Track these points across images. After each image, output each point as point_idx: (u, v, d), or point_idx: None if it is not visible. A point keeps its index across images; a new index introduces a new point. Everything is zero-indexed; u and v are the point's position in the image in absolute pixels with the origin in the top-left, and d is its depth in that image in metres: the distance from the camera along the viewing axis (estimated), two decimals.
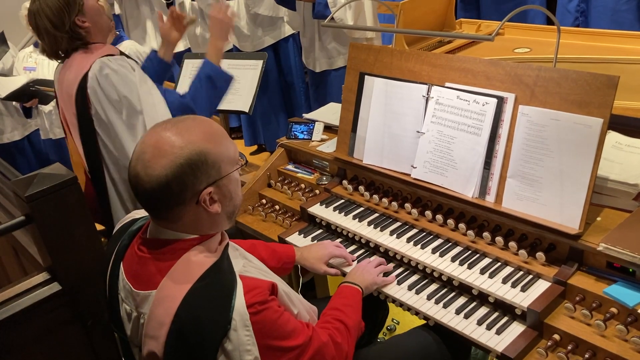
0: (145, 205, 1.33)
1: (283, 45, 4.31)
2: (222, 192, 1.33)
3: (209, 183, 1.29)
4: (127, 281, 1.38)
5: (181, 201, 1.28)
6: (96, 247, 2.02)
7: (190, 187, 1.27)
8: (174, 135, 1.27)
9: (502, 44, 2.81)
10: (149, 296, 1.32)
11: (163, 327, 1.25)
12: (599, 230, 1.60)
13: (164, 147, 1.26)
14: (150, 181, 1.25)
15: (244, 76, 2.98)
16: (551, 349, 1.48)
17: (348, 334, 1.51)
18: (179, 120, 1.32)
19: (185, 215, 1.30)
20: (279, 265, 1.82)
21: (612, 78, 1.54)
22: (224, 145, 1.33)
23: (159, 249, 1.33)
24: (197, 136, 1.28)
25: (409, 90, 1.98)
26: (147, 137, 1.30)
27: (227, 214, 1.38)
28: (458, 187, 1.84)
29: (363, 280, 1.72)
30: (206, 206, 1.30)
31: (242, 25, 4.20)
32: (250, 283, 1.27)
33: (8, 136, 4.45)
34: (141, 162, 1.27)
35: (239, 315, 1.22)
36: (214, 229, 1.37)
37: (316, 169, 2.42)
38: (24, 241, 2.26)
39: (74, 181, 1.89)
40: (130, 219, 1.55)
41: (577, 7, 3.70)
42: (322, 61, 3.70)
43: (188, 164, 1.25)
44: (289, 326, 1.30)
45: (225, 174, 1.32)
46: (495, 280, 1.65)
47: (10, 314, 1.80)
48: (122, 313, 1.43)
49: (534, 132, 1.67)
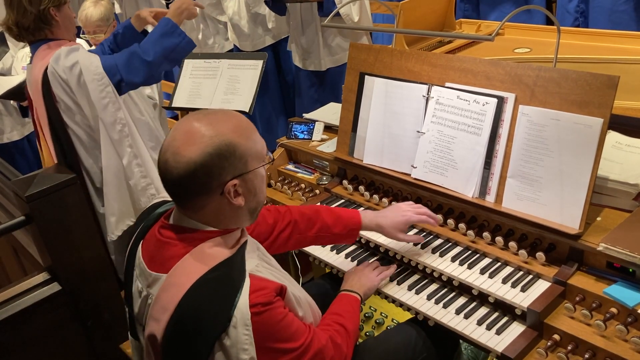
0: (171, 192, 1.35)
1: (283, 45, 4.31)
2: (247, 187, 1.35)
3: (235, 175, 1.31)
4: (142, 260, 1.41)
5: (206, 190, 1.30)
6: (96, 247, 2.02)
7: (216, 177, 1.29)
8: (205, 126, 1.30)
9: (502, 44, 2.81)
10: (159, 279, 1.34)
11: (166, 312, 1.27)
12: (599, 230, 1.60)
13: (194, 136, 1.28)
14: (178, 167, 1.28)
15: (244, 76, 2.98)
16: (551, 349, 1.48)
17: (348, 336, 1.52)
18: (210, 112, 1.36)
19: (208, 205, 1.32)
20: (345, 232, 1.78)
21: (612, 78, 1.54)
22: (252, 140, 1.35)
23: (178, 236, 1.36)
24: (228, 128, 1.31)
25: (409, 90, 1.98)
26: (178, 125, 1.33)
27: (250, 210, 1.39)
28: (458, 187, 1.84)
29: (361, 286, 1.72)
30: (230, 198, 1.32)
31: (242, 25, 4.20)
32: (258, 283, 1.28)
33: (8, 136, 4.44)
34: (171, 149, 1.30)
35: (240, 313, 1.23)
36: (235, 223, 1.39)
37: (316, 169, 2.42)
38: (24, 241, 2.26)
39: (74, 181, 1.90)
40: (161, 200, 1.58)
41: (577, 8, 3.70)
42: (327, 59, 3.70)
43: (217, 154, 1.28)
44: (290, 329, 1.31)
45: (251, 169, 1.34)
46: (495, 280, 1.65)
47: (10, 314, 1.80)
48: (134, 289, 1.45)
49: (534, 132, 1.67)
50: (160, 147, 1.35)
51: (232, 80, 3.00)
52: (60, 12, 2.26)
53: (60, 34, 2.31)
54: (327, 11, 3.34)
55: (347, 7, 3.32)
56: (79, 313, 1.94)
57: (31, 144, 4.62)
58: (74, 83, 2.20)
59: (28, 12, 2.21)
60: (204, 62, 3.14)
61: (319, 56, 3.72)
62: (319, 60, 3.74)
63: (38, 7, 2.21)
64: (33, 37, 2.29)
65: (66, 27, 2.33)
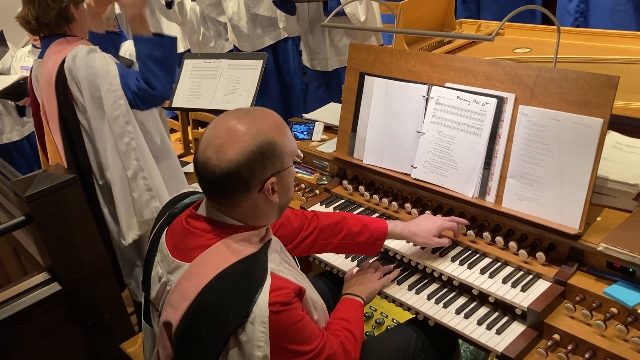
0: (210, 189, 1.35)
1: (282, 45, 4.31)
2: (282, 184, 1.37)
3: (274, 173, 1.33)
4: (166, 246, 1.42)
5: (247, 188, 1.31)
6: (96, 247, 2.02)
7: (258, 175, 1.31)
8: (247, 124, 1.31)
9: (502, 44, 2.81)
10: (181, 267, 1.35)
11: (185, 301, 1.28)
12: (599, 230, 1.60)
13: (237, 134, 1.29)
14: (221, 165, 1.28)
15: (244, 76, 2.98)
16: (551, 349, 1.48)
17: (356, 343, 1.52)
18: (249, 110, 1.37)
19: (245, 202, 1.33)
20: (370, 241, 1.76)
21: (612, 78, 1.54)
22: (288, 138, 1.37)
23: (206, 228, 1.37)
24: (268, 126, 1.32)
25: (409, 90, 1.98)
26: (218, 122, 1.34)
27: (281, 207, 1.41)
28: (458, 187, 1.85)
29: (364, 290, 1.72)
30: (268, 195, 1.33)
31: (241, 25, 4.20)
32: (278, 282, 1.28)
33: (7, 136, 4.44)
34: (212, 147, 1.30)
35: (259, 310, 1.23)
36: (265, 220, 1.40)
37: (316, 169, 2.42)
38: (24, 241, 2.26)
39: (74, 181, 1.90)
40: (190, 190, 1.59)
41: (577, 8, 3.70)
42: (333, 59, 3.69)
43: (259, 152, 1.29)
44: (306, 331, 1.32)
45: (287, 166, 1.37)
46: (495, 280, 1.65)
47: (11, 314, 1.80)
48: (154, 274, 1.45)
49: (534, 132, 1.67)
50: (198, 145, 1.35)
51: (232, 80, 3.00)
52: (78, 11, 2.28)
53: (77, 32, 2.33)
54: (332, 10, 3.33)
55: (353, 6, 3.31)
56: (79, 313, 1.94)
57: (31, 144, 4.62)
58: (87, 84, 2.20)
59: (50, 8, 2.23)
60: (203, 62, 3.14)
61: (325, 56, 3.72)
62: (325, 60, 3.74)
63: (60, 4, 2.23)
64: (50, 32, 2.30)
65: (82, 26, 2.34)
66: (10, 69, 4.20)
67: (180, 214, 1.48)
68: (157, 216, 1.56)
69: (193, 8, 4.54)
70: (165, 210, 1.55)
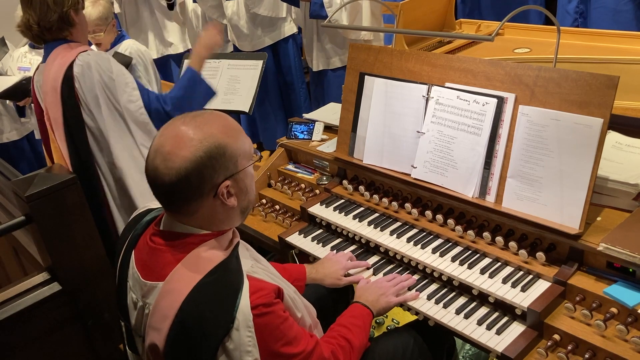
0: (163, 198, 1.34)
1: (282, 45, 4.31)
2: (239, 186, 1.35)
3: (227, 176, 1.31)
4: (136, 270, 1.40)
5: (199, 194, 1.29)
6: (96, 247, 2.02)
7: (209, 180, 1.28)
8: (193, 129, 1.28)
9: (502, 44, 2.81)
10: (155, 287, 1.32)
11: (166, 320, 1.26)
12: (599, 230, 1.60)
13: (183, 140, 1.27)
14: (170, 174, 1.26)
15: (244, 76, 2.98)
16: (551, 349, 1.48)
17: (351, 352, 1.50)
18: (197, 114, 1.34)
19: (202, 208, 1.32)
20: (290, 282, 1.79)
21: (612, 78, 1.54)
22: (240, 139, 1.35)
23: (171, 242, 1.35)
24: (216, 129, 1.30)
25: (409, 90, 1.98)
26: (165, 130, 1.32)
27: (242, 209, 1.39)
28: (458, 187, 1.85)
29: (376, 303, 1.67)
30: (224, 199, 1.31)
31: (241, 25, 4.20)
32: (256, 284, 1.27)
33: (7, 136, 4.44)
34: (160, 155, 1.28)
35: (242, 315, 1.22)
36: (228, 224, 1.38)
37: (316, 169, 2.42)
38: (24, 241, 2.26)
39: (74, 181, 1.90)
40: (146, 209, 1.56)
41: (576, 9, 3.70)
42: (320, 60, 3.70)
43: (208, 157, 1.27)
44: (291, 332, 1.30)
45: (242, 168, 1.34)
46: (495, 280, 1.65)
47: (10, 314, 1.80)
48: (129, 301, 1.43)
49: (534, 132, 1.67)
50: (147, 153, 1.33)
51: (232, 80, 3.00)
52: (78, 16, 2.29)
53: (78, 37, 2.34)
54: (314, 13, 3.33)
55: (337, 13, 3.30)
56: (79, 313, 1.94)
57: (31, 144, 4.62)
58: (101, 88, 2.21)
59: (52, 11, 2.23)
60: None
61: (312, 56, 3.73)
62: (311, 60, 3.75)
63: (62, 9, 2.24)
64: (53, 36, 2.30)
65: (82, 31, 2.36)
66: (7, 69, 4.19)
67: (143, 233, 1.45)
68: (120, 241, 1.52)
69: (195, 9, 4.54)
70: (126, 233, 1.51)
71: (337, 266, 1.85)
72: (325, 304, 1.81)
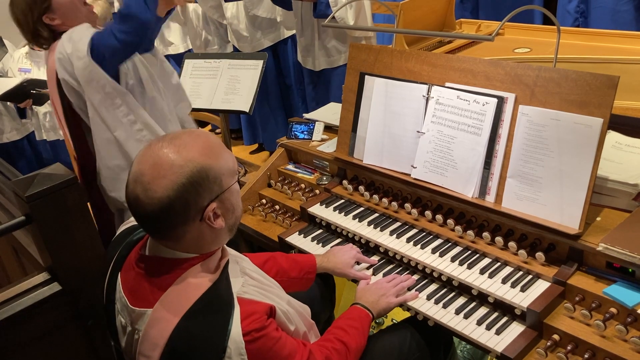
0: (146, 227, 1.29)
1: (282, 47, 4.31)
2: (225, 206, 1.30)
3: (212, 198, 1.26)
4: (123, 294, 1.36)
5: (184, 220, 1.25)
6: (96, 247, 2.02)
7: (193, 205, 1.24)
8: (172, 154, 1.23)
9: (502, 44, 2.81)
10: (144, 314, 1.29)
11: (157, 349, 1.24)
12: (599, 230, 1.60)
13: (163, 167, 1.22)
14: (152, 203, 1.21)
15: (245, 76, 2.98)
16: (551, 349, 1.48)
17: (347, 355, 1.48)
18: (174, 137, 1.28)
19: (188, 233, 1.27)
20: (301, 275, 1.77)
21: (612, 78, 1.54)
22: (223, 158, 1.29)
23: (157, 268, 1.31)
24: (196, 152, 1.24)
25: (409, 90, 1.98)
26: (142, 157, 1.26)
27: (229, 227, 1.34)
28: (458, 187, 1.84)
29: (376, 304, 1.66)
30: (210, 222, 1.27)
31: (241, 28, 4.20)
32: (247, 308, 1.24)
33: (8, 136, 4.45)
34: (140, 185, 1.23)
35: (234, 344, 1.20)
36: (216, 244, 1.34)
37: (316, 169, 2.42)
38: (24, 241, 2.26)
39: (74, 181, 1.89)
40: (131, 226, 1.52)
41: (577, 8, 3.70)
42: (322, 60, 3.69)
43: (190, 183, 1.22)
44: (284, 351, 1.28)
45: (227, 187, 1.29)
46: (494, 280, 1.65)
47: (10, 314, 1.80)
48: (118, 324, 1.41)
49: (534, 132, 1.67)
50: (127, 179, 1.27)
51: (232, 80, 3.01)
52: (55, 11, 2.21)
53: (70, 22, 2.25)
54: (320, 13, 3.32)
55: (342, 11, 3.30)
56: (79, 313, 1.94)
57: (31, 144, 4.63)
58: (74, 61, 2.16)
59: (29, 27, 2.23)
60: (204, 62, 3.15)
61: (314, 56, 3.73)
62: (313, 60, 3.75)
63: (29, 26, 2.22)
64: (54, 39, 2.29)
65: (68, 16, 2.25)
66: (8, 70, 4.20)
67: (128, 254, 1.41)
68: (106, 260, 1.49)
69: (195, 9, 4.54)
70: (111, 253, 1.48)
71: (347, 255, 1.85)
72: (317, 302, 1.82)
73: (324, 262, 1.83)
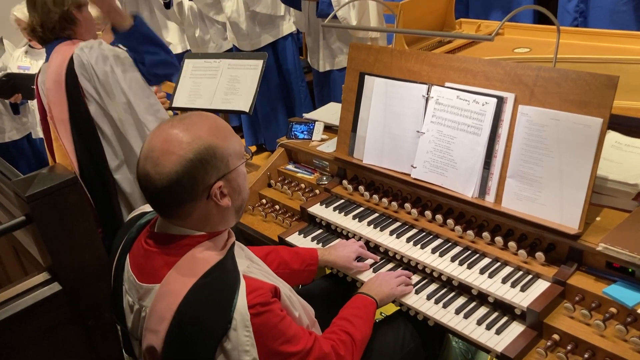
0: (155, 203, 1.34)
1: (282, 43, 4.31)
2: (232, 186, 1.35)
3: (219, 177, 1.31)
4: (131, 273, 1.40)
5: (192, 197, 1.29)
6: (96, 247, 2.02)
7: (201, 182, 1.29)
8: (182, 132, 1.28)
9: (502, 44, 2.82)
10: (152, 289, 1.33)
11: (164, 322, 1.26)
12: (599, 230, 1.60)
13: (172, 144, 1.27)
14: (161, 179, 1.26)
15: (244, 76, 2.98)
16: (551, 349, 1.48)
17: (353, 346, 1.49)
18: (184, 116, 1.34)
19: (196, 211, 1.32)
20: (303, 267, 1.80)
21: (612, 78, 1.54)
22: (230, 139, 1.34)
23: (166, 244, 1.35)
24: (204, 131, 1.30)
25: (409, 90, 1.98)
26: (153, 135, 1.32)
27: (236, 208, 1.39)
28: (458, 187, 1.85)
29: (380, 291, 1.68)
30: (217, 200, 1.32)
31: (241, 24, 4.20)
32: (253, 284, 1.27)
33: (8, 135, 4.45)
34: (150, 161, 1.28)
35: (239, 315, 1.22)
36: (223, 224, 1.38)
37: (316, 169, 2.42)
38: (24, 241, 2.26)
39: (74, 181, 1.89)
40: (140, 212, 1.57)
41: (576, 8, 3.70)
42: (326, 61, 3.69)
43: (198, 159, 1.27)
44: (290, 331, 1.30)
45: (233, 168, 1.34)
46: (494, 280, 1.65)
47: (11, 314, 1.80)
48: (125, 304, 1.43)
49: (533, 132, 1.67)
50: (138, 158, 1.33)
51: (232, 80, 3.00)
52: (82, 13, 2.30)
53: (82, 35, 2.34)
54: (322, 12, 3.32)
55: (344, 10, 3.29)
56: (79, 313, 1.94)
57: (31, 144, 4.63)
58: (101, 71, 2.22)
59: (52, 13, 2.24)
60: (204, 62, 3.14)
61: (319, 57, 3.73)
62: (318, 61, 3.75)
63: (62, 8, 2.25)
64: (55, 36, 2.30)
65: (87, 28, 2.36)
66: (7, 68, 4.20)
67: (137, 237, 1.45)
68: (114, 244, 1.53)
69: (191, 7, 4.54)
70: (121, 236, 1.52)
71: (349, 249, 1.87)
72: (331, 302, 1.81)
73: (326, 255, 1.85)
